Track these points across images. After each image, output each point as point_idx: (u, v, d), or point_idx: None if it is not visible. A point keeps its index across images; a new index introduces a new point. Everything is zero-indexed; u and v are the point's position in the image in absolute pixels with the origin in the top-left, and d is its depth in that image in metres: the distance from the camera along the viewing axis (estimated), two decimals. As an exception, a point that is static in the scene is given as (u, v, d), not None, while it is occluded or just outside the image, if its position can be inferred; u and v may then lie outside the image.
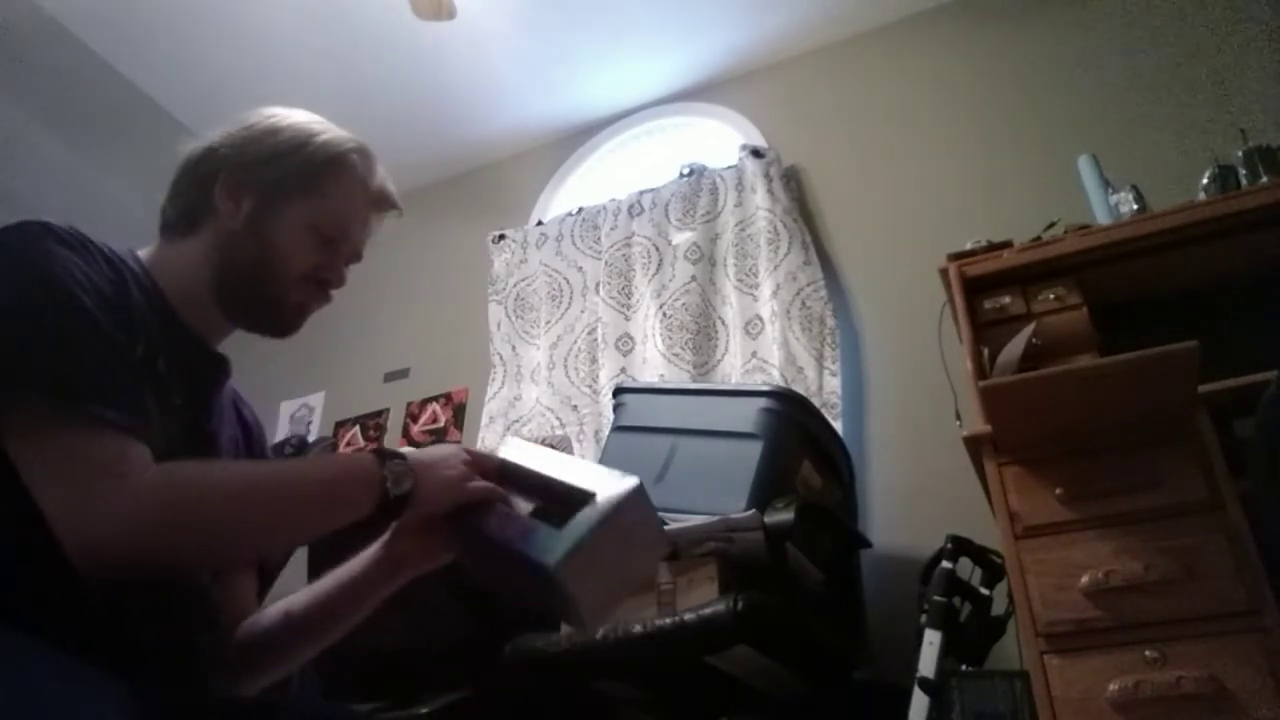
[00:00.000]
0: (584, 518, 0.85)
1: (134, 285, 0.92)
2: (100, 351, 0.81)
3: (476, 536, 0.93)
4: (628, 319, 2.95)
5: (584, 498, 0.87)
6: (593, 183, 3.50)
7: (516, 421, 2.92)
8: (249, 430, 1.12)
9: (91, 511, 0.73)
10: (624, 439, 2.04)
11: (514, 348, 3.13)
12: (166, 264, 1.00)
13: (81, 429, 0.76)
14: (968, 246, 2.05)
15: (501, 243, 3.35)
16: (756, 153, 2.95)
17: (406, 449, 0.92)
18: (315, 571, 1.07)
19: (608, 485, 0.88)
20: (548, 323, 3.12)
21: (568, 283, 3.16)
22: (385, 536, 0.99)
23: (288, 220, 0.99)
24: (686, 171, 3.12)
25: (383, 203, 1.07)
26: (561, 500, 0.89)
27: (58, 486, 0.72)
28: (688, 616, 1.53)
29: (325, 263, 1.02)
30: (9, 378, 0.76)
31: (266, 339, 1.05)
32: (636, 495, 0.87)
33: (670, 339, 2.78)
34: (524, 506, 0.95)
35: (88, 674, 0.68)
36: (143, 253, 1.01)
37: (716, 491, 1.75)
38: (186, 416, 0.95)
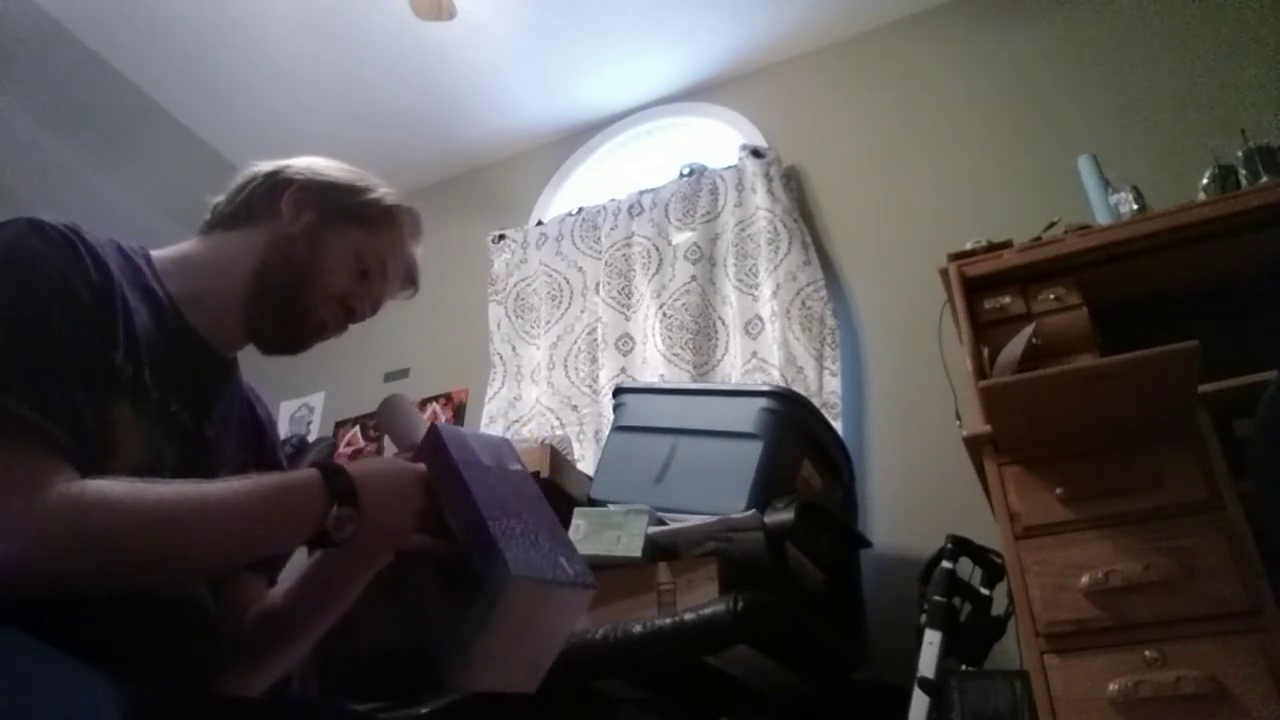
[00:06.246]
0: (474, 618, 0.80)
1: (128, 288, 0.90)
2: (50, 362, 0.78)
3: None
4: (628, 319, 2.95)
5: (481, 575, 0.81)
6: (593, 183, 3.50)
7: (516, 421, 2.92)
8: (261, 430, 1.11)
9: None
10: (624, 439, 2.04)
11: (514, 348, 3.12)
12: (191, 261, 1.02)
13: (13, 434, 0.74)
14: (968, 246, 2.05)
15: (501, 243, 3.35)
16: (756, 153, 2.95)
17: (359, 467, 0.87)
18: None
19: (498, 569, 0.80)
20: (548, 323, 3.11)
21: (568, 283, 3.16)
22: None
23: (340, 241, 1.06)
24: (686, 171, 3.12)
25: (410, 273, 1.15)
26: (469, 563, 0.84)
27: None
28: (688, 616, 1.53)
29: (355, 291, 1.07)
30: None
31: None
32: (521, 589, 0.80)
33: (670, 339, 2.78)
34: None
35: (85, 671, 0.68)
36: (161, 252, 1.01)
37: (716, 491, 1.75)
38: (184, 421, 0.94)
